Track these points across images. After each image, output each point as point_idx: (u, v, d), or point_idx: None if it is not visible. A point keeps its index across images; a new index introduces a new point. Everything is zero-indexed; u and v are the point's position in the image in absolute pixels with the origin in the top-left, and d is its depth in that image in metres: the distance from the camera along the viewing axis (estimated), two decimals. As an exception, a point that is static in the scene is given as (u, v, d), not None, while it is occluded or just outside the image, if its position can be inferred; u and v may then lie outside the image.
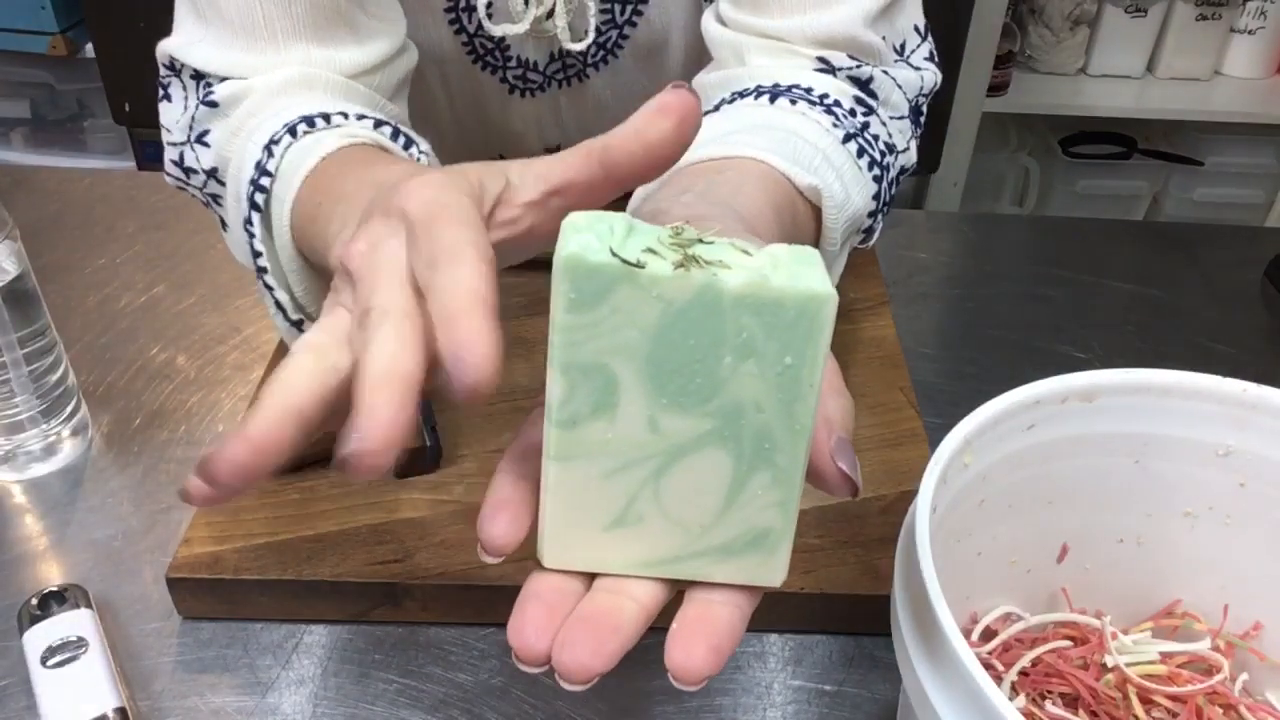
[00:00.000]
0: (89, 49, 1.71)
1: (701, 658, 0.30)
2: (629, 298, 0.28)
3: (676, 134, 0.33)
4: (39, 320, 0.60)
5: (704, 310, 0.28)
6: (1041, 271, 0.83)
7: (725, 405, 0.30)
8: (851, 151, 0.53)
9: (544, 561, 0.33)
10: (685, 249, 0.29)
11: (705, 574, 0.32)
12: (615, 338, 0.29)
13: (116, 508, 0.60)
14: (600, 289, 0.28)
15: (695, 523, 0.32)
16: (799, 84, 0.56)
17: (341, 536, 0.55)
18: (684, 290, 0.28)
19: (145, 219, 0.86)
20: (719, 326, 0.29)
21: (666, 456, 0.31)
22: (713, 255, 0.29)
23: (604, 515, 0.31)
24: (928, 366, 0.72)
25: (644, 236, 0.29)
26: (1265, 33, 1.87)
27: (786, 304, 0.28)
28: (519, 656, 0.31)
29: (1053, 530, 0.48)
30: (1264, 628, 0.47)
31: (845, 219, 0.52)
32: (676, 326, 0.29)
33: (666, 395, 0.30)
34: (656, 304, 0.28)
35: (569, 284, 0.28)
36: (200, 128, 0.57)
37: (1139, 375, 0.44)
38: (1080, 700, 0.44)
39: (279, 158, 0.49)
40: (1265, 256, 0.84)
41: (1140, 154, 2.00)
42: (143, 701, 0.50)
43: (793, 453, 0.30)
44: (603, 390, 0.29)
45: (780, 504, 0.31)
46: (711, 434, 0.30)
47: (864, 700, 0.51)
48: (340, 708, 0.50)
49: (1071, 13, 1.86)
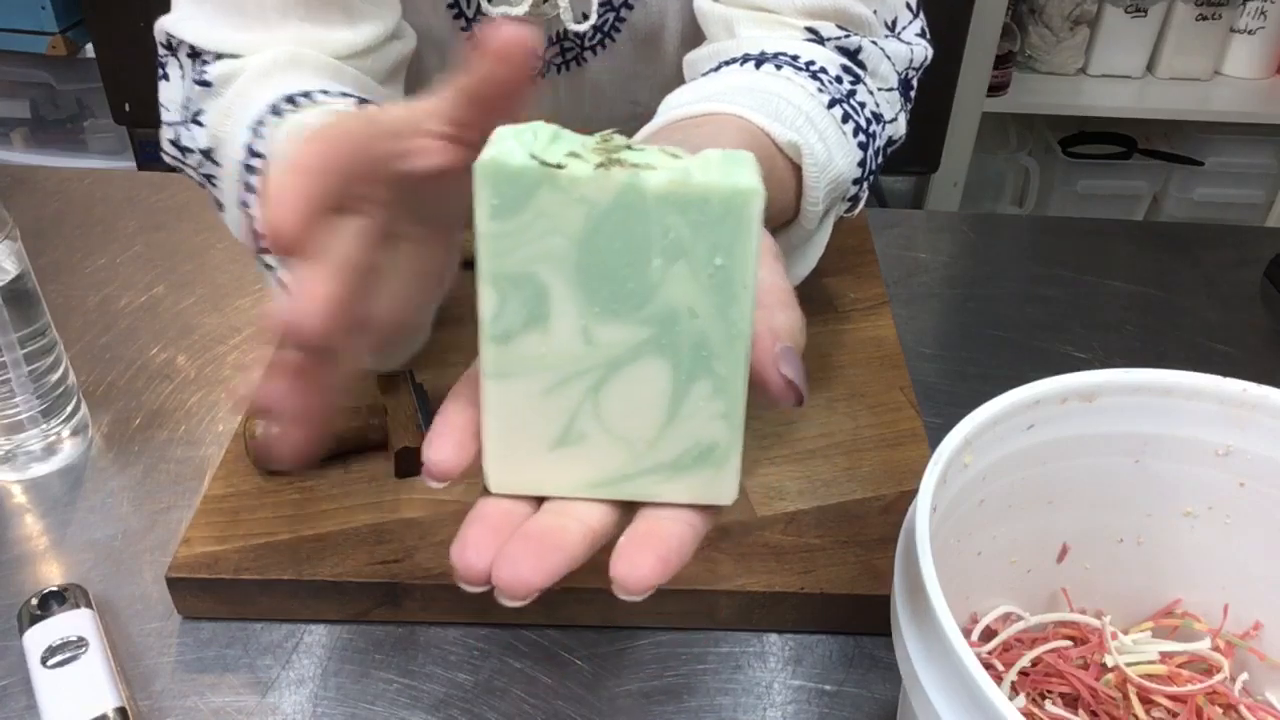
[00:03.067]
0: (89, 49, 1.71)
1: (649, 567, 0.30)
2: (551, 202, 0.27)
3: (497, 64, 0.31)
4: (39, 320, 0.60)
5: (628, 210, 0.27)
6: (1041, 271, 0.83)
7: (659, 312, 0.29)
8: (836, 116, 0.54)
9: (489, 486, 0.32)
10: (611, 154, 0.28)
11: (653, 494, 0.32)
12: (541, 245, 0.28)
13: (116, 508, 0.60)
14: (521, 194, 0.27)
15: (639, 439, 0.31)
16: (786, 51, 0.56)
17: (341, 536, 0.55)
18: (606, 190, 0.27)
19: (145, 219, 0.86)
20: (645, 227, 0.28)
21: (604, 369, 0.30)
22: (640, 159, 0.28)
23: (546, 435, 0.31)
24: (928, 366, 0.72)
25: (568, 142, 0.28)
26: (1265, 33, 1.87)
27: (712, 200, 0.27)
28: (460, 576, 0.30)
29: (1053, 530, 0.48)
30: (1264, 628, 0.47)
31: (828, 180, 0.52)
32: (602, 230, 0.28)
33: (599, 303, 0.29)
34: (580, 206, 0.27)
35: (489, 189, 0.27)
36: (195, 107, 0.58)
37: (1139, 375, 0.44)
38: (1080, 700, 0.44)
39: (267, 139, 0.50)
40: (1265, 256, 0.84)
41: (1140, 154, 2.00)
42: (143, 701, 0.50)
43: (731, 359, 0.29)
44: (534, 300, 0.29)
45: (724, 415, 0.30)
46: (648, 343, 0.29)
47: (864, 700, 0.51)
48: (340, 708, 0.50)
49: (1071, 13, 1.86)
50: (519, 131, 0.29)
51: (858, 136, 0.55)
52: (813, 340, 0.73)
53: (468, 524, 0.31)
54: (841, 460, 0.60)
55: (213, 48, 0.57)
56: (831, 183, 0.53)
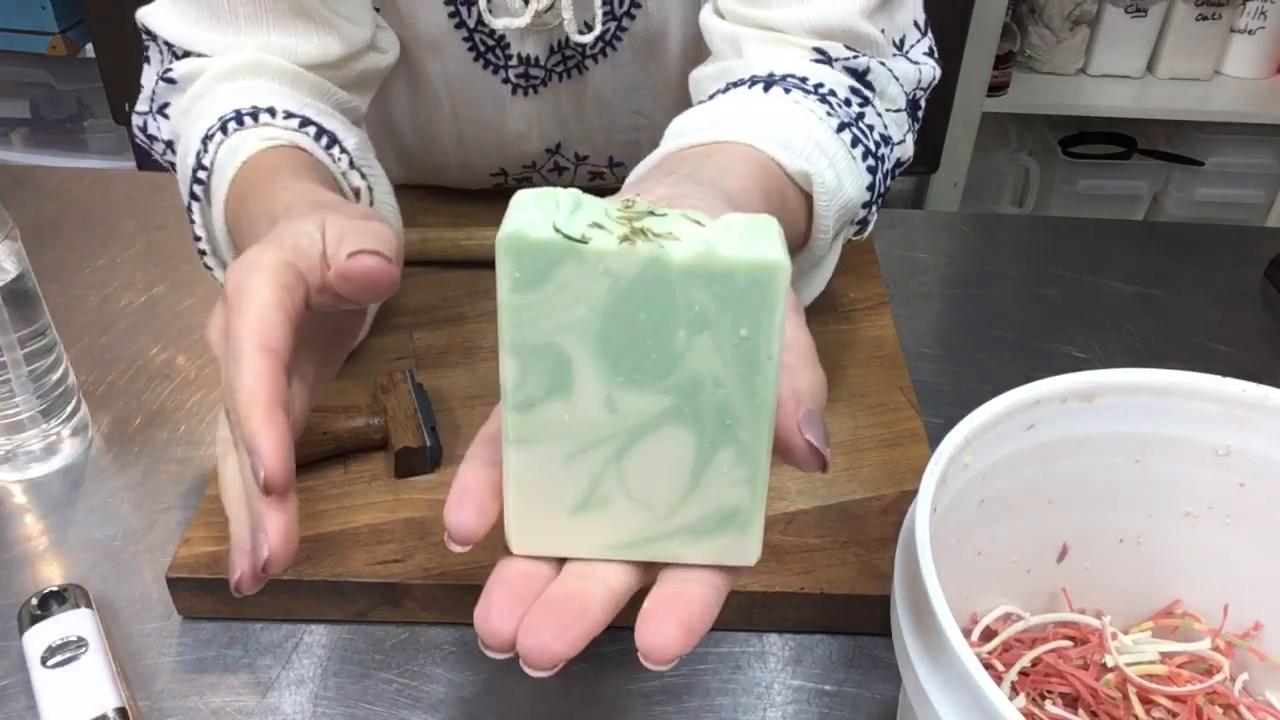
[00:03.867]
0: (89, 49, 1.71)
1: (671, 635, 0.30)
2: (575, 274, 0.27)
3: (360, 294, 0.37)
4: (39, 320, 0.60)
5: (653, 284, 0.28)
6: (1041, 271, 0.83)
7: (683, 381, 0.29)
8: (845, 141, 0.53)
9: (511, 547, 0.32)
10: (633, 222, 0.28)
11: (676, 555, 0.32)
12: (564, 316, 0.28)
13: (116, 508, 0.60)
14: (545, 266, 0.27)
15: (662, 503, 0.31)
16: (794, 73, 0.56)
17: (341, 536, 0.55)
18: (631, 264, 0.27)
19: (145, 219, 0.86)
20: (670, 300, 0.28)
21: (627, 436, 0.30)
22: (662, 227, 0.28)
23: (568, 499, 0.31)
24: (928, 366, 0.72)
25: (591, 210, 0.28)
26: (1265, 33, 1.87)
27: (737, 274, 0.27)
28: (484, 642, 0.31)
29: (1053, 530, 0.48)
30: (1264, 628, 0.47)
31: (838, 207, 0.52)
32: (626, 302, 0.28)
33: (622, 373, 0.29)
34: (604, 279, 0.28)
35: (512, 263, 0.27)
36: (160, 100, 0.60)
37: (1139, 375, 0.44)
38: (1080, 700, 0.44)
39: (212, 153, 0.53)
40: (1265, 256, 0.84)
41: (1140, 154, 2.00)
42: (143, 701, 0.50)
43: (755, 427, 0.30)
44: (556, 370, 0.29)
45: (747, 481, 0.31)
46: (671, 411, 0.29)
47: (864, 700, 0.51)
48: (340, 708, 0.50)
49: (1071, 13, 1.86)
50: (539, 198, 0.28)
51: (867, 160, 0.54)
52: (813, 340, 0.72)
53: (490, 589, 0.32)
54: (841, 460, 0.60)
55: (182, 44, 0.59)
56: (842, 209, 0.53)
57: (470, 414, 0.62)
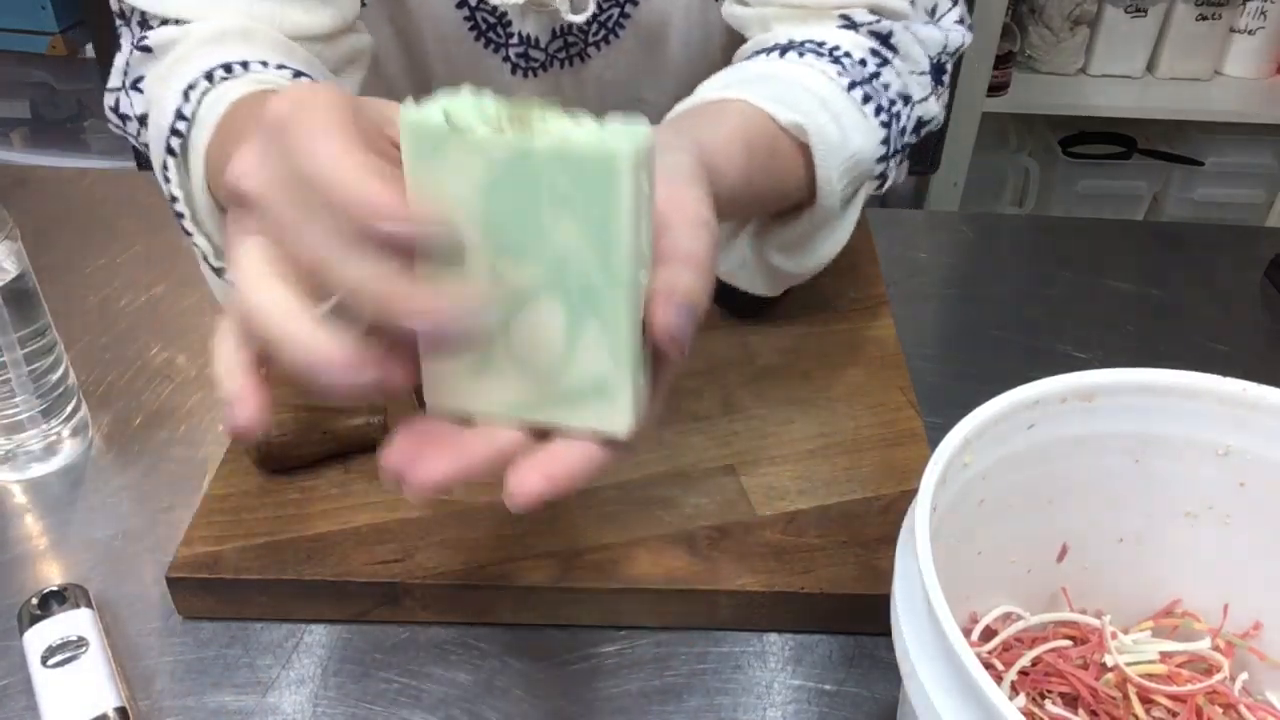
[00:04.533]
0: (89, 49, 1.71)
1: (533, 482, 0.33)
2: (457, 157, 0.31)
3: None
4: (39, 320, 0.60)
5: (520, 168, 0.31)
6: (1041, 271, 0.83)
7: (551, 256, 0.32)
8: (856, 98, 0.55)
9: (426, 407, 0.36)
10: (518, 117, 0.31)
11: (558, 419, 0.35)
12: (453, 193, 0.32)
13: (116, 508, 0.60)
14: (433, 147, 0.31)
15: (544, 370, 0.34)
16: (813, 39, 0.58)
17: (341, 536, 0.55)
18: (501, 149, 0.31)
19: (145, 219, 0.86)
20: (536, 182, 0.31)
21: (510, 304, 0.33)
22: (547, 125, 0.31)
23: (467, 362, 0.35)
24: (928, 366, 0.72)
25: (487, 107, 0.32)
26: (1265, 33, 1.87)
27: (587, 159, 0.31)
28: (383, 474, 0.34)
29: (1053, 530, 0.48)
30: (1264, 627, 0.47)
31: (842, 160, 0.53)
32: (502, 182, 0.31)
33: (502, 247, 0.32)
34: (480, 161, 0.31)
35: (408, 140, 0.32)
36: (135, 73, 0.56)
37: (1139, 375, 0.44)
38: (1080, 700, 0.44)
39: (195, 103, 0.49)
40: (1265, 256, 0.84)
41: (1140, 154, 2.00)
42: (143, 701, 0.50)
43: (613, 303, 0.33)
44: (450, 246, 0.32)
45: (611, 352, 0.33)
46: (544, 284, 0.33)
47: (864, 700, 0.51)
48: (340, 708, 0.50)
49: (1071, 13, 1.86)
50: (453, 93, 0.32)
51: (880, 116, 0.56)
52: (813, 340, 0.73)
53: (399, 433, 0.34)
54: (841, 460, 0.60)
55: (159, 11, 0.55)
56: (848, 162, 0.54)
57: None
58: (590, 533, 0.55)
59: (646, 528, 0.56)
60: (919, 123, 0.62)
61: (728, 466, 0.60)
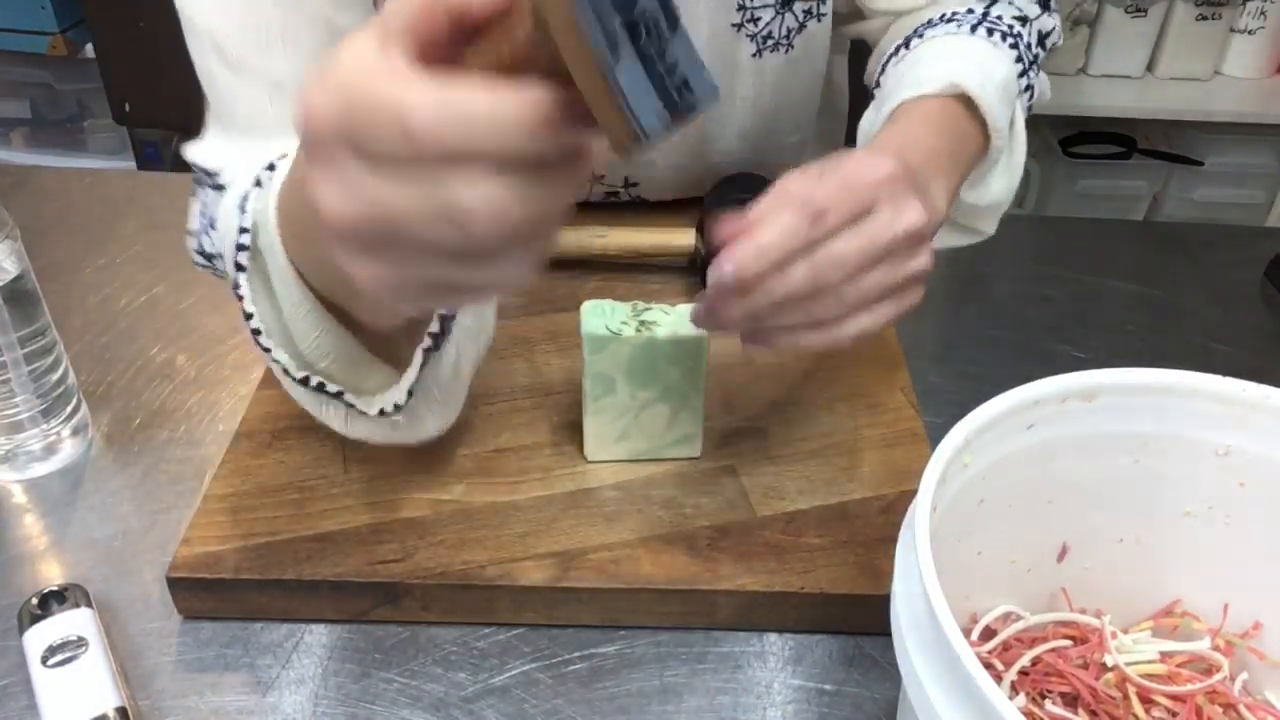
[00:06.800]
0: (89, 49, 1.71)
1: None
2: (614, 346, 0.56)
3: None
4: (39, 320, 0.60)
5: (649, 347, 0.56)
6: (1041, 271, 0.83)
7: (663, 385, 0.58)
8: (980, 36, 0.64)
9: (587, 457, 0.60)
10: (638, 317, 0.56)
11: (662, 455, 0.60)
12: (612, 363, 0.56)
13: (116, 508, 0.60)
14: (601, 344, 0.56)
15: (655, 435, 0.60)
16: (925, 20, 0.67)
17: (341, 536, 0.55)
18: (639, 341, 0.56)
19: (145, 219, 0.86)
20: (654, 352, 0.56)
21: (639, 407, 0.58)
22: (651, 318, 0.56)
23: (615, 434, 0.59)
24: (928, 366, 0.72)
25: (620, 313, 0.56)
26: (1265, 33, 1.87)
27: (688, 340, 0.56)
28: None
29: (1053, 530, 0.48)
30: (1264, 627, 0.47)
31: (995, 88, 0.60)
32: (639, 354, 0.56)
33: (637, 383, 0.57)
34: (626, 346, 0.56)
35: (588, 344, 0.56)
36: (210, 213, 0.57)
37: (1139, 375, 0.44)
38: (1080, 699, 0.44)
39: (249, 211, 0.47)
40: (1265, 256, 0.84)
41: (1140, 154, 2.00)
42: (143, 701, 0.50)
43: (695, 403, 0.59)
44: (608, 384, 0.57)
45: (693, 422, 0.59)
46: (659, 397, 0.58)
47: (864, 700, 0.51)
48: (340, 707, 0.50)
49: (1071, 13, 1.86)
50: (596, 306, 0.56)
51: (1006, 41, 0.64)
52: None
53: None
54: (841, 460, 0.60)
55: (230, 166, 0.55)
56: (999, 88, 0.60)
57: (470, 414, 0.62)
58: (590, 533, 0.55)
59: (646, 528, 0.56)
60: (1040, 36, 0.69)
61: (728, 466, 0.60)
